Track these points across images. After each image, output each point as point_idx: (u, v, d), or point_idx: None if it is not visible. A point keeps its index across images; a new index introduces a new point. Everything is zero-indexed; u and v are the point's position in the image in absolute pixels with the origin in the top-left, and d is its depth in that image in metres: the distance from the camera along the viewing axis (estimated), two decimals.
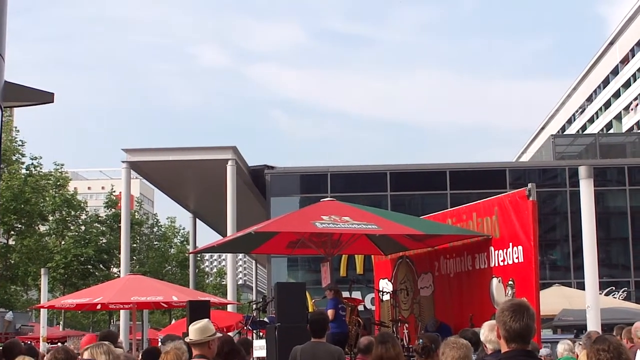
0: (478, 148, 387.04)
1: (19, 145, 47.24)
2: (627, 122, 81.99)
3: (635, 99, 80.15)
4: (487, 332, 8.14)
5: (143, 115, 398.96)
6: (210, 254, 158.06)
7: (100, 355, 8.19)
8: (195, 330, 8.46)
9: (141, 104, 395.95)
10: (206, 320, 8.68)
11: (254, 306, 21.17)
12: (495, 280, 14.93)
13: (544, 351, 12.48)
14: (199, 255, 67.62)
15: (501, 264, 14.81)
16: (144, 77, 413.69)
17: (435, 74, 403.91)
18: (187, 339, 8.63)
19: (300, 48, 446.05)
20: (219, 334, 8.76)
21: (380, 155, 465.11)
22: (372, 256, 20.60)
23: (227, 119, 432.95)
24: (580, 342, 11.61)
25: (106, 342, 8.63)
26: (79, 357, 8.74)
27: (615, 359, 5.97)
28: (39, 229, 50.52)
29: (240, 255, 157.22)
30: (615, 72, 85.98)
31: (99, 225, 55.76)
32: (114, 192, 58.67)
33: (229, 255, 42.90)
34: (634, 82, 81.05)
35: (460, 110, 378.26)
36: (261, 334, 19.07)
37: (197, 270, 63.40)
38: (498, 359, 5.22)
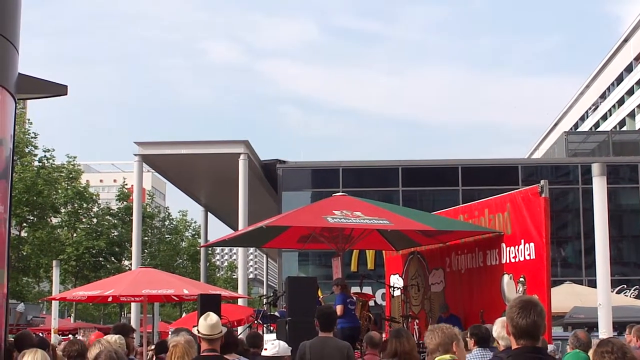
0: (490, 145, 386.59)
1: (31, 138, 47.35)
2: None
3: None
4: (500, 328, 8.14)
5: (156, 110, 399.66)
6: (221, 247, 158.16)
7: (95, 349, 8.25)
8: (209, 326, 8.53)
9: (154, 98, 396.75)
10: (215, 315, 8.74)
11: (265, 300, 21.20)
12: (506, 277, 14.93)
13: (550, 347, 12.45)
14: (210, 249, 67.69)
15: (512, 260, 14.81)
16: (158, 72, 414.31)
17: (448, 71, 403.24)
18: (198, 333, 8.68)
19: (311, 44, 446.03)
20: (224, 329, 8.84)
21: (392, 152, 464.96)
22: (383, 251, 20.62)
23: (238, 114, 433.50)
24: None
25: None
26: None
27: (620, 359, 5.97)
28: (51, 221, 50.64)
29: (251, 250, 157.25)
30: (629, 69, 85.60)
31: (110, 218, 55.85)
32: (126, 185, 58.74)
33: (240, 249, 42.89)
34: None
35: (472, 107, 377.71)
36: (272, 328, 19.11)
37: (208, 264, 63.43)
38: (508, 355, 5.20)
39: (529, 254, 14.25)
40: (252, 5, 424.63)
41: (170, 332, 20.56)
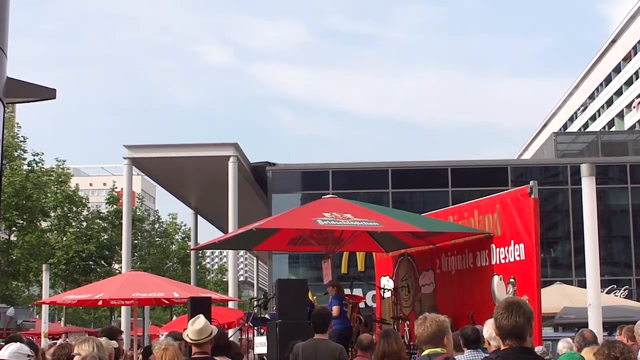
0: (480, 146, 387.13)
1: (20, 142, 47.19)
2: (629, 120, 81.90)
3: (638, 96, 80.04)
4: (490, 329, 8.14)
5: (145, 112, 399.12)
6: (211, 250, 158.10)
7: (87, 347, 8.23)
8: (197, 332, 8.53)
9: (143, 101, 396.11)
10: (204, 319, 8.72)
11: (255, 303, 21.18)
12: (496, 278, 14.93)
13: (539, 349, 12.46)
14: (200, 252, 67.60)
15: (502, 261, 14.80)
16: (147, 74, 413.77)
17: (438, 72, 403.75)
18: (187, 339, 8.67)
19: (302, 46, 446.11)
20: (215, 330, 8.83)
21: (382, 153, 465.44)
22: (374, 253, 20.59)
23: (229, 116, 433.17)
24: (575, 341, 11.60)
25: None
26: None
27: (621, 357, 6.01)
28: (40, 225, 50.49)
29: (242, 252, 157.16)
30: (617, 69, 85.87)
31: (100, 222, 55.76)
32: (116, 188, 58.65)
33: (230, 252, 42.85)
34: (636, 79, 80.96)
35: (462, 108, 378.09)
36: (262, 330, 19.11)
37: (198, 267, 63.33)
38: (497, 356, 5.22)
39: (519, 255, 14.25)
40: (243, 8, 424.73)
41: (162, 336, 20.51)
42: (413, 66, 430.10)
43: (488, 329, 8.30)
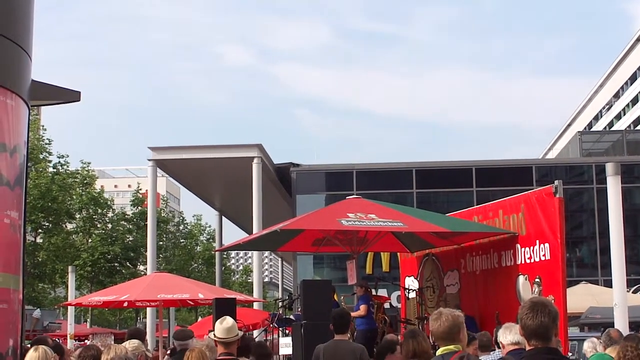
0: (504, 145, 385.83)
1: (46, 144, 47.52)
2: None
3: None
4: (509, 334, 8.15)
5: (169, 114, 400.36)
6: (236, 251, 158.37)
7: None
8: (224, 330, 8.58)
9: (167, 103, 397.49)
10: (232, 319, 8.77)
11: (280, 304, 21.20)
12: (521, 278, 14.88)
13: None
14: (225, 253, 67.73)
15: (528, 261, 14.75)
16: (170, 76, 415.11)
17: (461, 72, 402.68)
18: (214, 337, 8.73)
19: (324, 47, 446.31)
20: (240, 332, 8.89)
21: (406, 153, 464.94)
22: (398, 254, 20.58)
23: (252, 117, 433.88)
24: (601, 340, 11.56)
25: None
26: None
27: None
28: (66, 227, 50.80)
29: (266, 253, 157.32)
30: None
31: (125, 223, 55.97)
32: (141, 190, 58.88)
33: (255, 253, 42.91)
34: None
35: (486, 108, 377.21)
36: (287, 331, 19.13)
37: (223, 268, 63.46)
38: (522, 357, 5.21)
39: (544, 255, 14.19)
40: (266, 9, 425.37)
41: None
42: (436, 66, 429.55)
43: (503, 333, 8.28)
